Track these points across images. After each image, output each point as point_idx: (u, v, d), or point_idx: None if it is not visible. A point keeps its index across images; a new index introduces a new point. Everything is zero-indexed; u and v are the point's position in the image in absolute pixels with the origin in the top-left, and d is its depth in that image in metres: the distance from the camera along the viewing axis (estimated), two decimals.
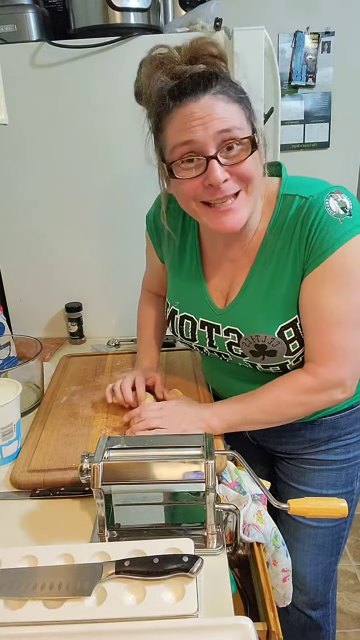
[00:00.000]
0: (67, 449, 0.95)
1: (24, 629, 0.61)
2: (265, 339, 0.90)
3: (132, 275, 1.50)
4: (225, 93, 0.78)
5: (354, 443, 1.03)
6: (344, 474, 1.05)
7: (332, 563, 1.12)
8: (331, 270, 0.82)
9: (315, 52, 1.69)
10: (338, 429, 1.01)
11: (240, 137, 0.78)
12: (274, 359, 0.91)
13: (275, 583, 0.93)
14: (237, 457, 0.81)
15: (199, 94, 0.77)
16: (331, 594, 1.17)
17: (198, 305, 0.99)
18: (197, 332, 1.00)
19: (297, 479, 1.08)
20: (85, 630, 0.61)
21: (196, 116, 0.77)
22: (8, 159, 1.37)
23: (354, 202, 0.84)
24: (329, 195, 0.83)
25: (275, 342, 0.89)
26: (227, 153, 0.79)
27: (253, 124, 0.82)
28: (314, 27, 1.64)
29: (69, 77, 1.29)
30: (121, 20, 1.26)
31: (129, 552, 0.68)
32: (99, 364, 1.30)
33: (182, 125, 0.78)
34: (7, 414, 0.91)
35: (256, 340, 0.91)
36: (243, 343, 0.93)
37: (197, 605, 0.62)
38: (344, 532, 1.10)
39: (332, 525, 1.07)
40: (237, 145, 0.78)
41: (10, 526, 0.80)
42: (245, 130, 0.79)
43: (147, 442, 0.78)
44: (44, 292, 1.52)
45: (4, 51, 1.26)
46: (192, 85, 0.77)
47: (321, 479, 1.05)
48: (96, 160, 1.37)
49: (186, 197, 0.84)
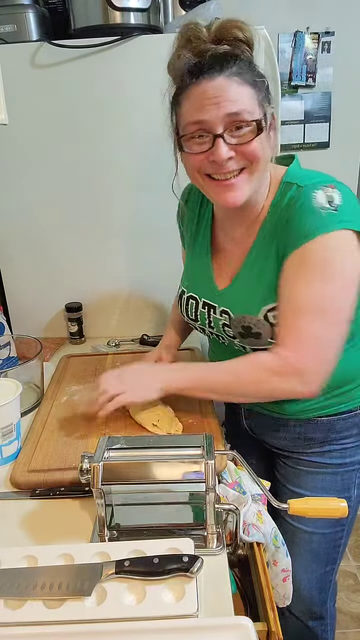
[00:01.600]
0: (67, 449, 0.95)
1: (24, 629, 0.61)
2: (250, 320, 0.92)
3: (132, 275, 1.50)
4: (241, 75, 0.81)
5: (351, 448, 1.03)
6: (340, 479, 1.04)
7: (328, 573, 1.11)
8: (307, 258, 0.83)
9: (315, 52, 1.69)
10: (334, 432, 1.01)
11: (248, 119, 0.81)
12: (260, 342, 0.93)
13: (275, 583, 0.93)
14: (237, 457, 0.81)
15: (215, 74, 0.81)
16: (329, 605, 1.16)
17: (202, 286, 1.03)
18: (199, 313, 1.03)
19: (293, 481, 1.07)
20: (85, 630, 0.61)
21: (210, 95, 0.81)
22: (8, 159, 1.37)
23: (347, 200, 0.84)
24: (320, 188, 0.84)
25: (260, 324, 0.91)
26: (235, 132, 0.82)
27: (265, 107, 0.84)
28: (314, 27, 1.63)
29: (69, 77, 1.29)
30: (121, 20, 1.26)
31: (129, 552, 0.68)
32: (99, 364, 1.30)
33: (196, 103, 0.82)
34: (7, 414, 0.91)
35: (243, 322, 0.93)
36: (233, 324, 0.96)
37: (197, 605, 0.62)
38: (340, 541, 1.09)
39: (328, 532, 1.06)
40: (246, 126, 0.82)
41: (10, 526, 0.80)
42: (255, 113, 0.82)
43: (147, 442, 0.78)
44: (44, 292, 1.52)
45: (4, 51, 1.26)
46: (210, 65, 0.81)
47: (316, 482, 1.05)
48: (96, 160, 1.37)
49: (192, 170, 0.89)
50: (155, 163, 1.35)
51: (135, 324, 1.53)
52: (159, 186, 1.34)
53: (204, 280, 1.03)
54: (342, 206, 0.82)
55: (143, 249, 1.47)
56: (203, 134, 0.83)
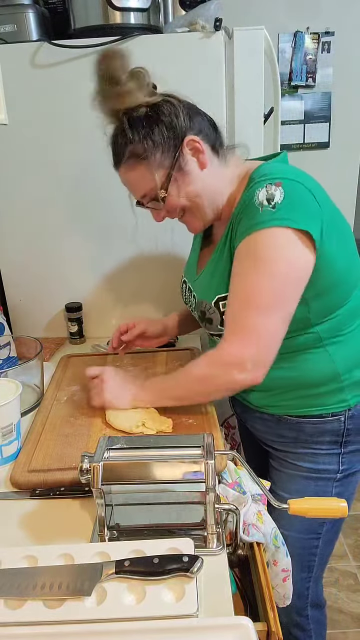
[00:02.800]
0: (67, 449, 0.95)
1: (24, 629, 0.61)
2: (206, 305, 0.99)
3: (132, 275, 1.50)
4: (134, 157, 0.92)
5: (322, 455, 1.03)
6: (313, 485, 1.04)
7: (304, 580, 1.11)
8: (242, 253, 0.88)
9: (315, 52, 1.69)
10: (304, 434, 1.02)
11: (154, 194, 0.94)
12: (212, 327, 1.00)
13: (275, 583, 0.93)
14: (237, 457, 0.81)
15: (117, 166, 0.97)
16: (311, 612, 1.16)
17: (189, 272, 1.14)
18: (186, 295, 1.14)
19: (276, 482, 1.09)
20: (85, 630, 0.61)
21: (123, 182, 0.99)
22: (8, 159, 1.37)
23: (291, 197, 0.84)
24: (264, 185, 0.86)
25: (212, 310, 0.98)
26: (151, 204, 0.98)
27: (166, 165, 0.92)
28: (314, 27, 1.64)
29: (69, 77, 1.29)
30: (121, 20, 1.26)
31: (129, 552, 0.68)
32: (99, 364, 1.30)
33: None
34: (7, 414, 0.91)
35: (201, 306, 1.01)
36: (196, 307, 1.05)
37: (197, 605, 0.62)
38: (315, 550, 1.09)
39: (300, 537, 1.07)
40: (152, 199, 0.96)
41: (10, 526, 0.80)
42: (157, 183, 0.92)
43: (147, 442, 0.78)
44: (44, 292, 1.52)
45: (4, 51, 1.26)
46: (113, 156, 0.97)
47: (290, 484, 1.06)
48: (96, 160, 1.37)
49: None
50: None
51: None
52: None
53: (191, 267, 1.13)
54: (281, 204, 0.84)
55: (143, 248, 1.47)
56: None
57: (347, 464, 1.04)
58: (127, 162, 0.93)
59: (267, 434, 1.08)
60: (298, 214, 0.84)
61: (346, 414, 0.99)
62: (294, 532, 1.06)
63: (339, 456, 1.03)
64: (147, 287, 1.51)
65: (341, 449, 1.02)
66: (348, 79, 1.69)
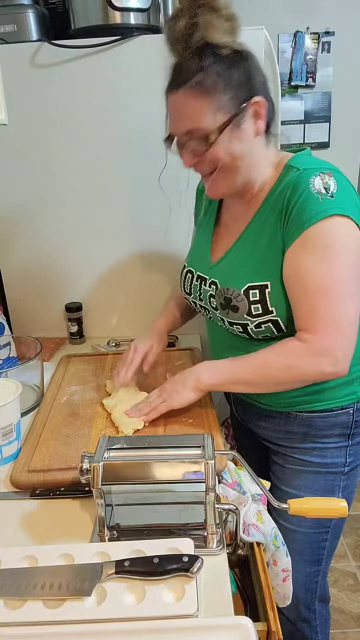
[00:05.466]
0: (67, 449, 0.95)
1: (24, 629, 0.61)
2: (232, 292, 0.96)
3: (132, 275, 1.50)
4: (200, 84, 0.85)
5: (331, 449, 1.03)
6: (322, 479, 1.04)
7: (313, 574, 1.11)
8: (309, 243, 0.86)
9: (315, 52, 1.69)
10: (313, 429, 1.01)
11: (202, 133, 0.87)
12: (236, 316, 0.96)
13: (275, 583, 0.93)
14: (237, 457, 0.81)
15: (175, 88, 0.87)
16: (317, 607, 1.16)
17: (199, 261, 1.08)
18: (192, 286, 1.09)
19: (280, 478, 1.09)
20: (85, 630, 0.61)
21: (173, 109, 0.90)
22: (8, 159, 1.37)
23: (342, 187, 0.87)
24: (318, 174, 0.87)
25: (239, 298, 0.95)
26: (192, 143, 0.90)
27: (230, 108, 0.86)
28: (314, 27, 1.63)
29: (69, 77, 1.29)
30: (121, 20, 1.26)
31: (129, 552, 0.68)
32: (99, 364, 1.30)
33: (168, 115, 0.92)
34: (7, 414, 0.91)
35: (225, 293, 0.97)
36: (217, 294, 1.00)
37: (197, 606, 0.62)
38: (324, 543, 1.09)
39: (310, 532, 1.07)
40: (200, 139, 0.88)
41: (10, 526, 0.80)
42: (213, 123, 0.86)
43: (147, 442, 0.78)
44: (44, 292, 1.52)
45: (4, 51, 1.26)
46: (173, 77, 0.88)
47: (299, 481, 1.06)
48: (96, 159, 1.37)
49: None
50: (155, 163, 1.35)
51: (135, 324, 1.53)
52: (158, 186, 1.34)
53: (201, 255, 1.08)
54: (337, 193, 0.86)
55: (143, 248, 1.47)
56: (173, 141, 0.93)
57: (353, 456, 1.04)
58: (191, 88, 0.85)
59: (273, 432, 1.07)
60: (350, 203, 0.87)
61: (355, 406, 1.00)
62: (303, 528, 1.06)
63: (347, 449, 1.03)
64: (147, 287, 1.51)
65: (349, 441, 1.03)
66: (348, 79, 1.69)
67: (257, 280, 0.93)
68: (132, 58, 1.27)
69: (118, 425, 0.99)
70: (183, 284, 1.12)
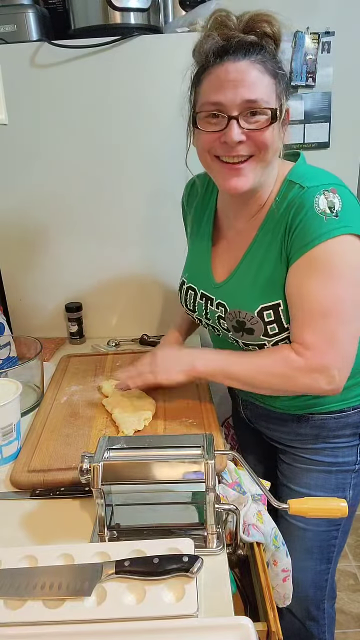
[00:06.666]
0: (67, 449, 0.95)
1: (24, 629, 0.61)
2: (245, 315, 0.94)
3: (132, 275, 1.50)
4: (264, 64, 0.83)
5: (343, 448, 1.03)
6: (333, 478, 1.05)
7: (323, 572, 1.11)
8: (313, 263, 0.85)
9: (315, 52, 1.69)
10: (326, 430, 1.01)
11: (264, 107, 0.83)
12: (252, 338, 0.95)
13: (275, 583, 0.93)
14: (237, 457, 0.81)
15: (239, 57, 0.82)
16: (326, 605, 1.16)
17: (201, 278, 1.05)
18: (197, 304, 1.06)
19: (290, 478, 1.08)
20: (85, 630, 0.61)
21: (231, 77, 0.82)
22: (8, 159, 1.37)
23: (347, 203, 0.85)
24: (322, 192, 0.85)
25: (254, 320, 0.93)
26: (249, 118, 0.83)
27: (282, 100, 0.85)
28: (314, 27, 1.63)
29: (69, 77, 1.29)
30: (121, 20, 1.26)
31: (129, 552, 0.68)
32: (99, 364, 1.30)
33: (216, 84, 0.83)
34: (7, 414, 0.91)
35: (238, 316, 0.96)
36: (227, 317, 0.98)
37: (197, 606, 0.62)
38: (334, 541, 1.09)
39: (320, 530, 1.07)
40: (260, 113, 0.83)
41: (10, 526, 0.80)
42: (272, 103, 0.84)
43: (147, 442, 0.78)
44: (44, 292, 1.52)
45: (4, 51, 1.26)
46: (235, 48, 0.82)
47: (310, 479, 1.05)
48: (96, 159, 1.37)
49: (203, 149, 0.90)
50: (155, 162, 1.35)
51: (135, 324, 1.53)
52: (159, 186, 1.34)
53: (202, 271, 1.05)
54: (342, 211, 0.84)
55: (143, 248, 1.47)
56: (218, 114, 0.84)
57: None
58: (258, 63, 0.82)
59: (284, 434, 1.07)
60: (355, 219, 0.85)
61: None
62: (313, 526, 1.06)
63: (357, 447, 1.03)
64: (147, 287, 1.51)
65: (359, 440, 1.03)
66: (348, 79, 1.68)
67: (269, 300, 0.92)
68: (132, 58, 1.27)
69: (118, 425, 0.99)
70: (185, 300, 1.10)
